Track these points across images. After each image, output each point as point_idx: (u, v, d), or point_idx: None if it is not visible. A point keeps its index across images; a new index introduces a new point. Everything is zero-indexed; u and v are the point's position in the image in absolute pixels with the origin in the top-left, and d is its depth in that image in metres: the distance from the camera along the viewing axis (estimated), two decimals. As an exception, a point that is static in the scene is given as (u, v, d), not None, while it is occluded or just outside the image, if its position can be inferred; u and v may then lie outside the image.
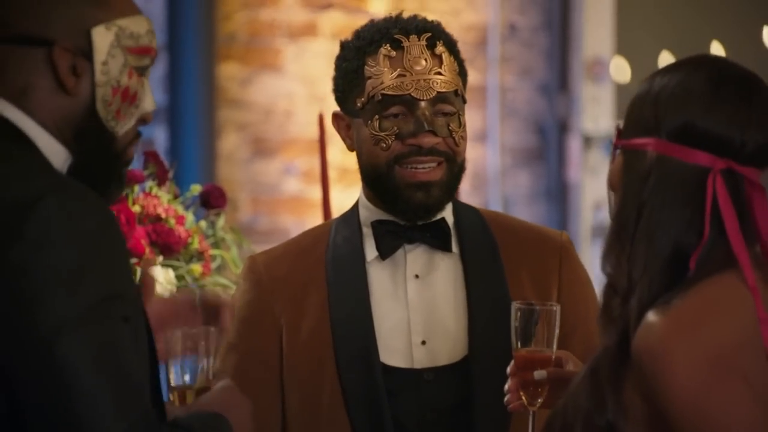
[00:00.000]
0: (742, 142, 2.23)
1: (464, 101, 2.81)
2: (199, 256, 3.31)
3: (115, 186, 2.25)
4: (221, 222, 3.39)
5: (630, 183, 2.24)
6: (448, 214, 2.83)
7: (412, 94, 2.76)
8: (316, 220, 5.41)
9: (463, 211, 2.86)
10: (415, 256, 2.82)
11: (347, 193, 5.76)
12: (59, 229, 2.02)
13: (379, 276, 2.82)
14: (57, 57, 2.16)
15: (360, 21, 5.70)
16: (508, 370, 2.60)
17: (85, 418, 2.01)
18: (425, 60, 2.77)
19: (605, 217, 5.60)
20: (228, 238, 3.40)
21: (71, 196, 2.05)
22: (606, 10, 5.98)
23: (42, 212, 2.02)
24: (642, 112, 2.26)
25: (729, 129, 2.23)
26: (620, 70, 5.91)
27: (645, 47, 5.91)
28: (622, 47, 5.96)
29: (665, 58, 5.78)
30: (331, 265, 2.83)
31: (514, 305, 2.61)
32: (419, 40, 2.79)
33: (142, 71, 2.25)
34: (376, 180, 2.79)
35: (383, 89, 2.77)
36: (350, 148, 2.86)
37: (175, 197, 3.35)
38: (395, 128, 2.76)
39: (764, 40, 5.81)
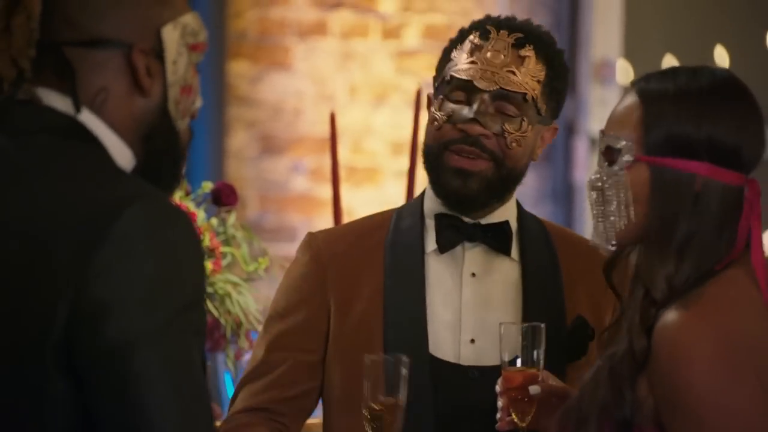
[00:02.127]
0: (751, 158, 2.32)
1: (540, 113, 2.77)
2: (210, 253, 3.31)
3: (176, 185, 2.25)
4: (232, 219, 3.39)
5: (675, 203, 2.28)
6: (511, 219, 2.82)
7: (475, 82, 2.74)
8: (323, 218, 5.41)
9: (527, 218, 2.85)
10: (473, 255, 2.81)
11: (354, 192, 5.76)
12: (143, 239, 2.01)
13: (436, 269, 2.81)
14: (136, 59, 2.13)
15: (369, 20, 5.74)
16: (497, 388, 2.59)
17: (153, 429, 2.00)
18: (504, 56, 2.77)
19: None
20: (239, 236, 3.39)
21: (156, 205, 2.04)
22: (614, 13, 5.97)
23: (128, 219, 2.00)
24: (674, 126, 2.28)
25: (756, 148, 2.31)
26: (625, 72, 5.91)
27: (652, 50, 5.91)
28: (630, 50, 5.95)
29: (668, 61, 5.78)
30: (390, 251, 2.82)
31: (501, 325, 2.60)
32: (507, 37, 2.78)
33: (197, 67, 2.24)
34: (428, 162, 2.79)
35: (454, 71, 2.76)
36: None
37: (187, 194, 3.34)
38: (451, 110, 2.75)
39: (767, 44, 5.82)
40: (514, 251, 2.82)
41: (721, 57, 5.84)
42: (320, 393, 2.83)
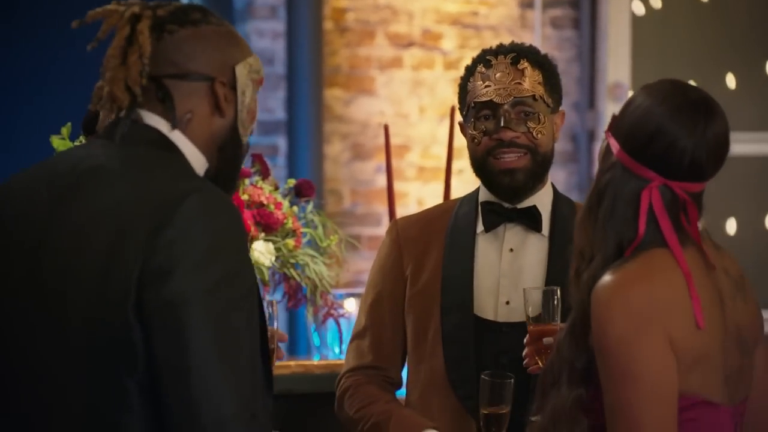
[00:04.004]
0: (680, 164, 2.13)
1: (548, 105, 2.74)
2: (293, 233, 3.30)
3: (237, 183, 2.25)
4: (310, 207, 3.38)
5: (601, 171, 2.17)
6: (546, 201, 2.79)
7: (494, 99, 2.73)
8: (398, 206, 5.38)
9: (561, 201, 2.82)
10: (512, 234, 2.77)
11: (424, 187, 5.74)
12: (199, 220, 2.01)
13: (483, 246, 2.78)
14: (217, 89, 2.15)
15: (434, 56, 5.73)
16: (525, 340, 2.57)
17: (196, 375, 1.96)
18: (508, 73, 2.74)
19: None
20: (315, 220, 3.38)
21: (210, 196, 2.05)
22: (625, 46, 5.91)
23: (188, 206, 2.01)
24: (620, 114, 2.18)
25: (671, 152, 2.12)
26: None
27: (655, 74, 5.83)
28: (637, 74, 5.88)
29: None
30: (450, 232, 2.79)
31: (525, 289, 2.58)
32: (505, 59, 2.76)
33: (256, 99, 2.24)
34: (477, 170, 2.77)
35: (475, 98, 2.75)
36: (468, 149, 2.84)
37: (275, 188, 3.34)
38: (484, 127, 2.73)
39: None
40: (546, 229, 2.77)
41: (731, 82, 5.75)
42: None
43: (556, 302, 2.55)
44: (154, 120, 2.13)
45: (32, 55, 5.22)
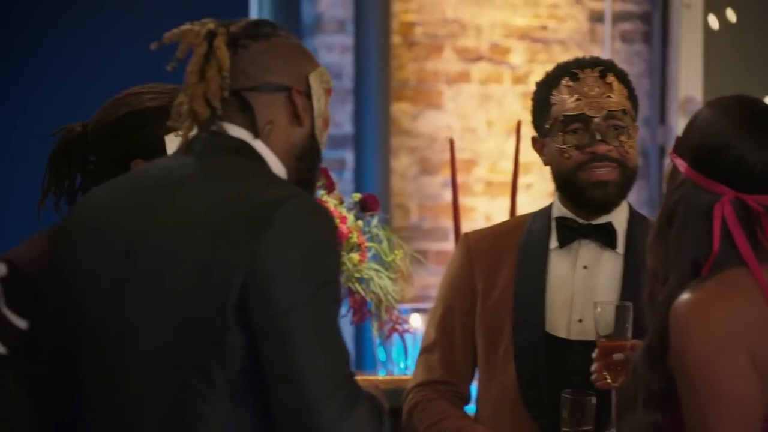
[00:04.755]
0: (751, 175, 2.11)
1: (633, 120, 2.75)
2: (357, 247, 3.31)
3: (314, 194, 2.30)
4: (375, 221, 3.39)
5: (670, 192, 2.16)
6: (621, 218, 2.77)
7: (587, 113, 2.71)
8: (466, 221, 5.39)
9: (636, 219, 2.80)
10: (586, 250, 2.75)
11: (492, 202, 5.73)
12: (297, 226, 2.07)
13: (556, 262, 2.76)
14: (295, 98, 2.20)
15: (503, 70, 5.73)
16: (594, 355, 2.54)
17: (306, 375, 2.04)
18: (598, 87, 2.73)
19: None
20: (380, 234, 3.39)
21: (306, 201, 2.11)
22: (697, 61, 5.87)
23: (286, 209, 2.07)
24: (687, 133, 2.17)
25: (740, 164, 2.11)
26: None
27: (728, 89, 5.79)
28: (709, 88, 5.84)
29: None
30: (523, 248, 2.78)
31: (595, 303, 2.55)
32: (593, 72, 2.75)
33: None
34: (564, 184, 2.75)
35: (565, 111, 2.73)
36: (545, 163, 2.82)
37: (341, 202, 3.36)
38: (575, 141, 2.72)
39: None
40: (621, 246, 2.75)
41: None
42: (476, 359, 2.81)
43: (628, 318, 2.52)
44: (237, 131, 2.18)
45: (31, 55, 5.28)
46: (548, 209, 2.82)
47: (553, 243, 2.77)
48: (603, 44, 5.80)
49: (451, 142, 3.53)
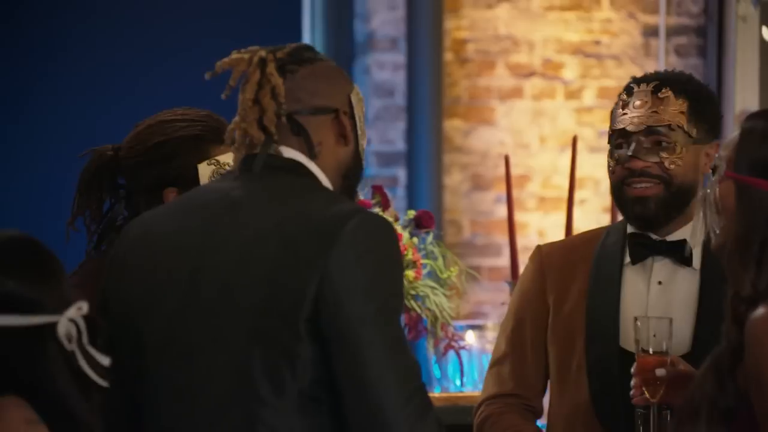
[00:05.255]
0: None
1: (690, 135, 2.69)
2: (413, 264, 3.32)
3: None
4: (430, 238, 3.40)
5: (753, 216, 2.13)
6: (697, 234, 2.64)
7: (628, 128, 2.70)
8: (520, 238, 5.37)
9: None
10: (660, 266, 2.73)
11: (546, 218, 5.72)
12: (364, 241, 2.13)
13: (630, 277, 2.74)
14: (342, 119, 2.27)
15: (556, 85, 5.72)
16: (632, 370, 2.53)
17: (380, 388, 2.09)
18: (647, 101, 2.70)
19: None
20: (436, 251, 3.40)
21: (371, 216, 2.18)
22: (753, 74, 5.84)
23: (353, 224, 2.13)
24: (757, 152, 2.14)
25: None
26: None
27: (783, 102, 5.75)
28: (764, 102, 5.80)
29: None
30: (596, 262, 2.76)
31: (635, 317, 2.54)
32: (647, 87, 2.72)
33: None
34: (614, 197, 2.75)
35: (614, 125, 2.74)
36: None
37: (396, 220, 3.37)
38: (617, 156, 2.72)
39: None
40: (698, 262, 2.73)
41: None
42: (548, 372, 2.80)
43: (668, 332, 2.51)
44: (292, 153, 2.24)
45: (32, 59, 5.32)
46: (624, 223, 2.79)
47: (627, 258, 2.76)
48: (657, 58, 5.78)
49: (506, 159, 3.53)
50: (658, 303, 2.71)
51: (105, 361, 1.76)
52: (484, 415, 2.78)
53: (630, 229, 2.76)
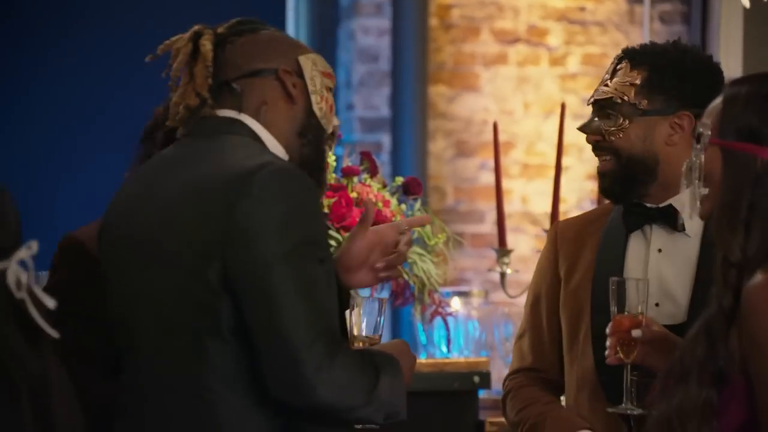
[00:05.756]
0: None
1: (637, 107, 2.69)
2: (401, 231, 3.31)
3: (323, 174, 2.35)
4: (418, 205, 3.41)
5: (739, 181, 2.14)
6: (686, 202, 2.73)
7: (588, 102, 2.77)
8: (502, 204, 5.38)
9: None
10: (658, 234, 2.73)
11: (529, 184, 5.74)
12: (274, 190, 2.17)
13: (633, 246, 2.74)
14: (282, 76, 2.33)
15: (540, 52, 5.73)
16: (607, 330, 2.55)
17: (287, 325, 2.14)
18: (608, 74, 2.74)
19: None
20: (423, 218, 3.40)
21: (283, 167, 2.22)
22: (737, 41, 5.85)
23: (262, 176, 2.18)
24: (741, 117, 2.15)
25: None
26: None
27: (766, 68, 5.76)
28: (748, 71, 5.82)
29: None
30: (605, 234, 2.77)
31: (611, 279, 2.56)
32: (616, 59, 2.75)
33: (331, 91, 2.36)
34: None
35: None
36: None
37: (384, 186, 3.37)
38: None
39: None
40: (698, 229, 2.71)
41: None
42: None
43: (644, 294, 2.53)
44: (229, 113, 2.32)
45: (29, 55, 5.30)
46: None
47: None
48: (642, 25, 5.78)
49: (495, 126, 3.53)
50: (659, 270, 2.72)
51: (50, 303, 1.76)
52: (507, 389, 2.83)
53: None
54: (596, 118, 2.73)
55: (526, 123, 5.72)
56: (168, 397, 2.20)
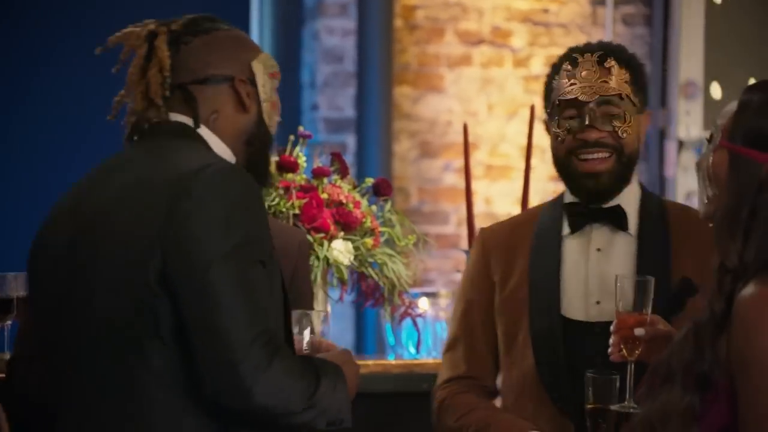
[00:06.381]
0: None
1: (635, 105, 2.72)
2: (371, 232, 3.32)
3: (268, 176, 2.37)
4: (388, 206, 3.40)
5: (743, 186, 2.13)
6: (632, 200, 2.76)
7: (579, 97, 2.71)
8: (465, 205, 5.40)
9: (649, 199, 2.79)
10: (599, 234, 2.75)
11: (492, 185, 5.75)
12: (214, 191, 2.15)
13: (569, 247, 2.76)
14: (238, 86, 2.30)
15: (504, 54, 5.74)
16: (612, 328, 2.54)
17: (225, 325, 2.11)
18: (594, 72, 2.72)
19: (694, 205, 5.51)
20: (393, 219, 3.41)
21: (224, 168, 2.20)
22: (698, 43, 5.90)
23: (203, 176, 2.16)
24: (751, 123, 2.14)
25: None
26: (715, 90, 5.83)
27: (729, 72, 5.82)
28: (709, 72, 5.87)
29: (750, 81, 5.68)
30: (536, 237, 2.78)
31: (617, 277, 2.55)
32: (591, 57, 2.73)
33: (276, 90, 2.37)
34: (559, 169, 2.75)
35: (560, 96, 2.73)
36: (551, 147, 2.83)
37: (354, 187, 3.37)
38: (568, 126, 2.72)
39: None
40: (633, 228, 2.74)
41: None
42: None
43: (648, 292, 2.52)
44: (180, 118, 2.29)
45: (27, 56, 5.28)
46: (560, 197, 2.82)
47: (566, 229, 2.78)
48: (605, 27, 5.82)
49: (465, 128, 3.54)
50: (598, 269, 2.74)
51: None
52: (440, 399, 2.80)
53: (568, 199, 2.79)
54: (600, 115, 2.71)
55: (490, 124, 5.73)
56: (103, 397, 2.17)
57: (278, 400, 2.10)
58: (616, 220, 2.74)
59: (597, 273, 2.74)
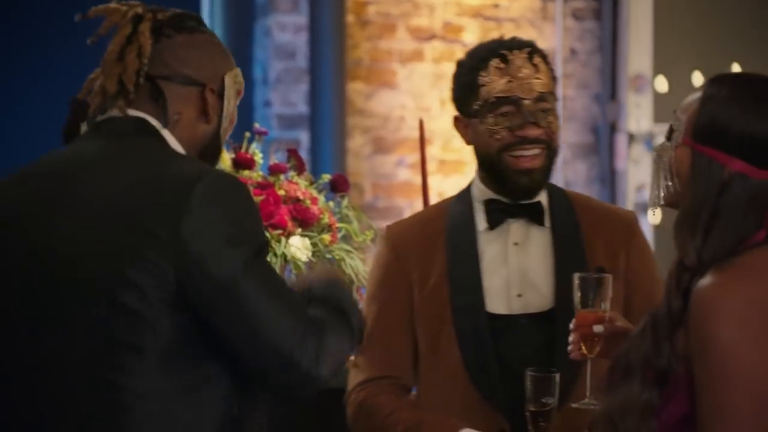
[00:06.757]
0: None
1: (556, 99, 2.74)
2: (329, 228, 3.32)
3: None
4: (345, 202, 3.41)
5: (705, 186, 2.10)
6: (543, 194, 2.79)
7: (518, 95, 2.71)
8: (421, 201, 5.43)
9: (555, 192, 2.81)
10: (516, 228, 2.76)
11: (445, 180, 5.78)
12: (212, 202, 2.11)
13: (486, 243, 2.76)
14: (207, 95, 2.25)
15: (455, 48, 5.77)
16: (571, 325, 2.55)
17: (274, 334, 2.10)
18: (527, 69, 2.72)
19: (645, 197, 5.56)
20: (350, 215, 3.41)
21: (218, 176, 2.15)
22: (647, 37, 5.95)
23: (200, 189, 2.10)
24: (717, 121, 2.10)
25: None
26: (660, 84, 5.88)
27: (676, 66, 5.87)
28: (658, 65, 5.92)
29: (697, 76, 5.74)
30: (450, 233, 2.78)
31: (575, 275, 2.56)
32: (521, 54, 2.73)
33: (236, 108, 2.34)
34: (490, 166, 2.73)
35: (496, 93, 2.72)
36: (468, 143, 2.81)
37: (311, 183, 3.37)
38: (506, 123, 2.70)
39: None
40: (547, 221, 2.77)
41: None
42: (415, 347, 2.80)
43: (606, 289, 2.53)
44: (141, 114, 2.22)
45: (29, 50, 5.25)
46: (467, 192, 2.81)
47: (482, 225, 2.77)
48: (555, 22, 5.85)
49: (421, 123, 3.55)
50: (517, 262, 2.75)
51: None
52: (358, 400, 2.77)
53: (482, 195, 2.78)
54: (538, 111, 2.73)
55: (442, 120, 5.76)
56: (83, 402, 2.09)
57: (339, 364, 2.17)
58: (535, 215, 2.76)
59: (516, 267, 2.74)
